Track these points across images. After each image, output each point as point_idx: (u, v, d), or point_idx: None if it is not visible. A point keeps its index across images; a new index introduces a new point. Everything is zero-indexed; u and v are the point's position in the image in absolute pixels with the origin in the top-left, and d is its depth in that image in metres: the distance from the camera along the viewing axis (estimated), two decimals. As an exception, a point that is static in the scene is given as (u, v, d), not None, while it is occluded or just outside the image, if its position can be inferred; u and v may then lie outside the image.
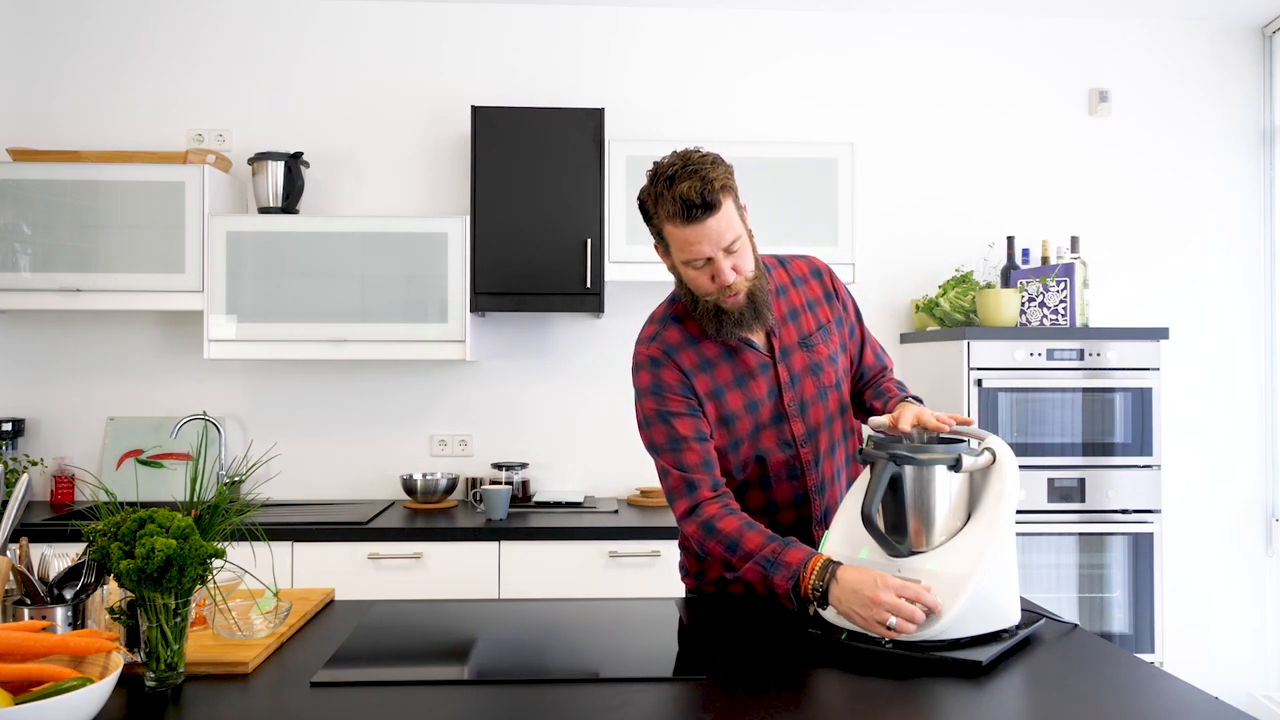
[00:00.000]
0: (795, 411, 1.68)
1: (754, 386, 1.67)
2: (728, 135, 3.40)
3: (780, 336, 1.70)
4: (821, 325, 1.74)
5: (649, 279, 3.07)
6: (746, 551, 1.54)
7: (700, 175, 1.51)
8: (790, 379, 1.68)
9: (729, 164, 1.58)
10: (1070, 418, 2.94)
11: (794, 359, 1.69)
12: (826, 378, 1.71)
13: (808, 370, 1.70)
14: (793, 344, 1.70)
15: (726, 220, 1.54)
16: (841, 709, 1.22)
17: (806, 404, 1.69)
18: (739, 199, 1.59)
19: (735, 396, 1.66)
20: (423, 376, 3.37)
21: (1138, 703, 1.21)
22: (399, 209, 3.37)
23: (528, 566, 2.76)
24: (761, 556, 1.52)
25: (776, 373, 1.68)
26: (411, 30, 3.39)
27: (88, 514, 2.82)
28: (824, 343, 1.72)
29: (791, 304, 1.73)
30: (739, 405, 1.66)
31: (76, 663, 1.17)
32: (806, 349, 1.70)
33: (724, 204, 1.52)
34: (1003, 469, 1.49)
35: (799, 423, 1.68)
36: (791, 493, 1.70)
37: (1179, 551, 3.43)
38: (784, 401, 1.67)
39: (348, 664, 1.38)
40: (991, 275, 3.41)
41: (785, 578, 1.49)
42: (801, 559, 1.49)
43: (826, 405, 1.71)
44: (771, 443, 1.67)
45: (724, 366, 1.67)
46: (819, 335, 1.72)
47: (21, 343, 3.30)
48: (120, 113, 3.33)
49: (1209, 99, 3.51)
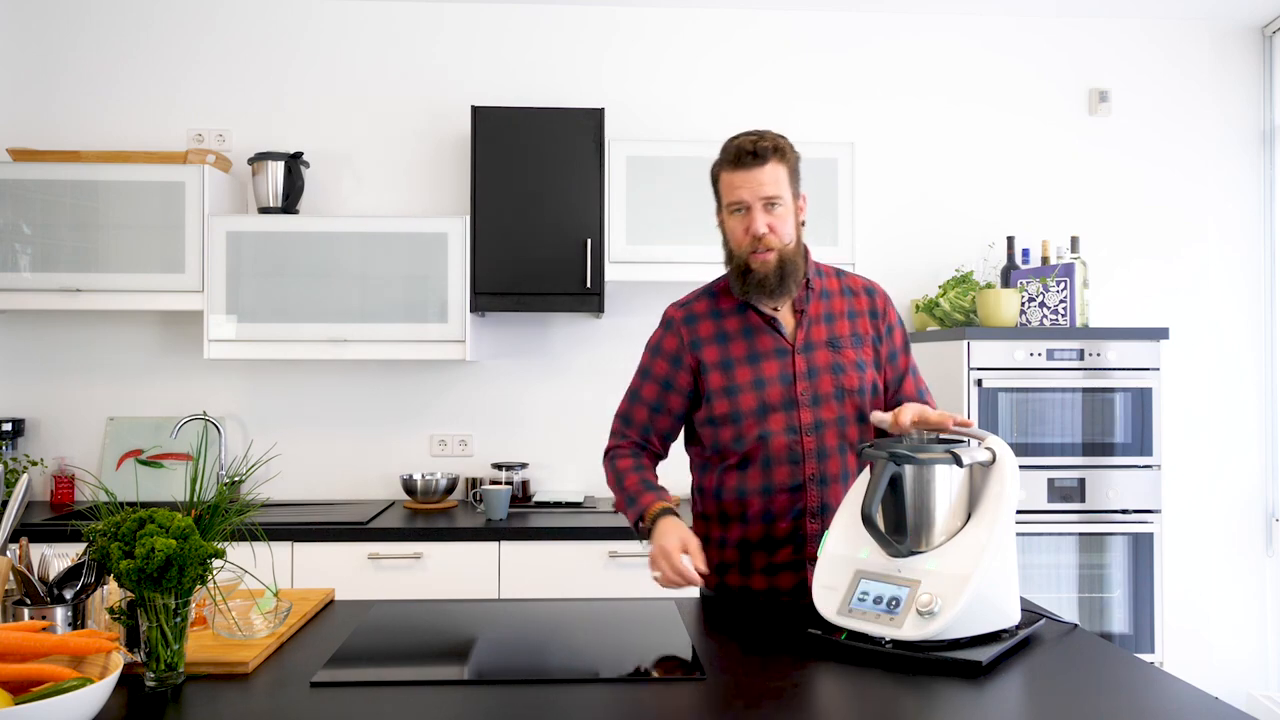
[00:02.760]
0: (806, 402, 1.74)
1: (765, 366, 1.75)
2: (727, 135, 3.36)
3: (809, 331, 1.77)
4: (856, 335, 1.79)
5: (649, 279, 3.08)
6: (623, 486, 1.78)
7: (759, 133, 1.72)
8: (808, 370, 1.75)
9: (798, 152, 1.76)
10: (1070, 418, 2.94)
11: (817, 354, 1.76)
12: (847, 380, 1.75)
13: (829, 368, 1.75)
14: (820, 341, 1.77)
15: (770, 177, 1.69)
16: (841, 709, 1.22)
17: (820, 398, 1.74)
18: (797, 181, 1.75)
19: (744, 371, 1.75)
20: (423, 376, 3.37)
21: (1138, 703, 1.21)
22: (399, 209, 3.37)
23: (528, 566, 2.76)
24: (628, 493, 1.76)
25: (794, 361, 1.75)
26: (411, 30, 3.39)
27: (88, 514, 2.83)
28: (853, 349, 1.78)
29: (832, 308, 1.81)
30: (746, 380, 1.75)
31: (76, 663, 1.17)
32: (833, 349, 1.77)
33: (771, 163, 1.69)
34: (1002, 469, 1.49)
35: (808, 412, 1.73)
36: (789, 478, 1.72)
37: (1179, 551, 3.43)
38: (796, 390, 1.74)
39: (347, 664, 1.38)
40: (991, 275, 3.41)
41: (634, 513, 1.73)
42: (649, 502, 1.71)
43: (841, 406, 1.74)
44: (778, 426, 1.72)
45: (740, 342, 1.77)
46: (849, 341, 1.78)
47: (21, 343, 3.30)
48: (120, 113, 3.33)
49: (1209, 99, 3.51)
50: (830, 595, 1.48)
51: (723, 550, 1.78)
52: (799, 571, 1.72)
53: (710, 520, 1.82)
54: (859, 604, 1.44)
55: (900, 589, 1.42)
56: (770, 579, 1.74)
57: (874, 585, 1.45)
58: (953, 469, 1.47)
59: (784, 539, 1.73)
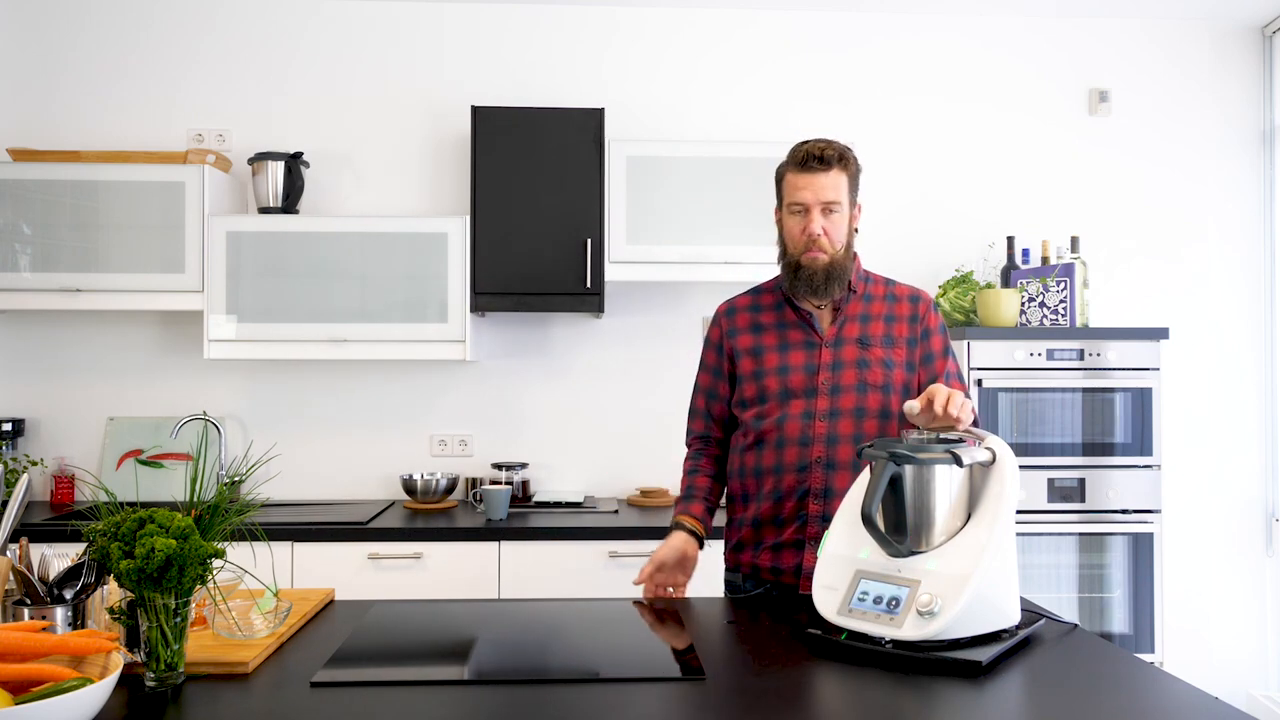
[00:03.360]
0: (825, 390, 1.83)
1: (793, 355, 1.87)
2: (727, 135, 3.40)
3: (841, 328, 1.87)
4: (890, 336, 1.87)
5: (649, 279, 3.08)
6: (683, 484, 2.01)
7: (828, 141, 1.83)
8: (833, 363, 1.85)
9: (860, 164, 1.87)
10: (1070, 418, 2.94)
11: (845, 350, 1.85)
12: (872, 376, 1.83)
13: (854, 363, 1.84)
14: (851, 338, 1.86)
15: (832, 184, 1.80)
16: (841, 709, 1.22)
17: (840, 389, 1.83)
18: (855, 190, 1.86)
19: (772, 356, 1.89)
20: (423, 376, 3.37)
21: (1138, 703, 1.21)
22: (399, 209, 3.37)
23: (528, 566, 2.76)
24: (681, 495, 2.00)
25: (821, 353, 1.86)
26: (411, 30, 3.39)
27: (88, 514, 2.83)
28: (882, 348, 1.86)
29: (870, 310, 1.90)
30: (773, 365, 1.88)
31: (76, 663, 1.17)
32: (862, 346, 1.86)
33: (835, 170, 1.80)
34: (1002, 469, 1.49)
35: (825, 400, 1.83)
36: (798, 458, 1.81)
37: (1179, 551, 3.43)
38: (818, 379, 1.84)
39: (347, 664, 1.38)
40: (991, 275, 3.41)
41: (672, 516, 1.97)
42: (675, 513, 1.96)
43: (863, 398, 1.83)
44: (796, 410, 1.83)
45: (772, 333, 1.91)
46: (880, 341, 1.86)
47: (21, 343, 3.30)
48: (120, 113, 3.33)
49: (1209, 99, 3.51)
50: (830, 595, 1.48)
51: (740, 530, 1.91)
52: (799, 551, 1.81)
53: (734, 500, 1.95)
54: (859, 604, 1.44)
55: (900, 589, 1.42)
56: (775, 557, 1.84)
57: (874, 585, 1.45)
58: (953, 469, 1.47)
59: (789, 518, 1.82)
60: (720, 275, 3.07)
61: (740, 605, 1.76)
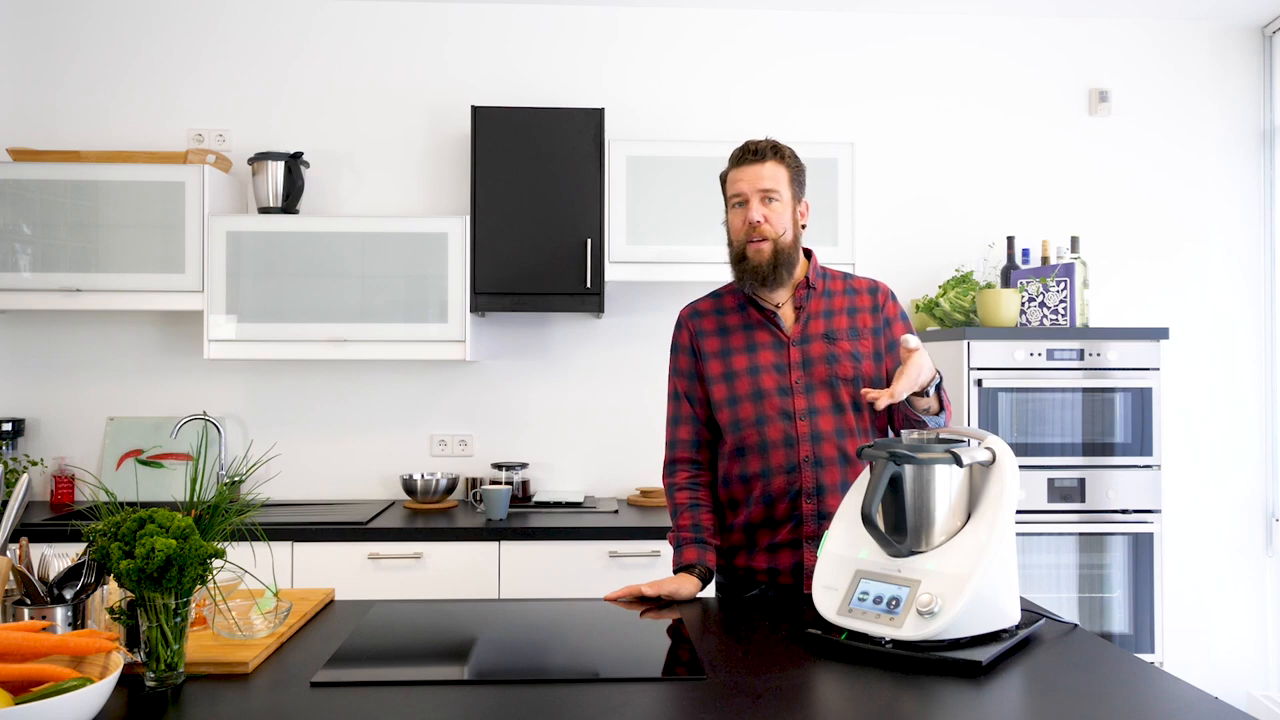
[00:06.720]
0: (800, 389, 1.85)
1: (761, 355, 1.88)
2: (728, 135, 3.39)
3: (806, 326, 1.88)
4: (855, 328, 1.89)
5: (649, 279, 3.08)
6: (676, 526, 1.92)
7: (766, 139, 1.88)
8: (803, 360, 1.86)
9: (803, 163, 1.92)
10: (1070, 418, 2.94)
11: (812, 346, 1.87)
12: (841, 369, 1.85)
13: (823, 359, 1.86)
14: (816, 334, 1.88)
15: (769, 174, 1.84)
16: (841, 709, 1.22)
17: (814, 386, 1.85)
18: (798, 187, 1.89)
19: (741, 358, 1.89)
20: (423, 376, 3.37)
21: (1138, 703, 1.21)
22: (399, 209, 3.37)
23: (528, 566, 2.76)
24: (677, 538, 1.90)
25: (789, 352, 1.86)
26: (412, 30, 3.39)
27: (88, 514, 2.83)
28: (849, 341, 1.87)
29: (832, 305, 1.91)
30: (743, 366, 1.88)
31: (76, 663, 1.17)
32: (829, 341, 1.87)
33: (771, 161, 1.84)
34: (1002, 469, 1.49)
35: (801, 399, 1.84)
36: (785, 460, 1.83)
37: (1179, 551, 3.43)
38: (791, 378, 1.85)
39: (348, 664, 1.38)
40: (991, 275, 3.41)
41: (675, 563, 1.89)
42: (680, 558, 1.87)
43: (835, 394, 1.84)
44: (774, 411, 1.84)
45: (739, 334, 1.91)
46: (846, 334, 1.88)
47: (21, 343, 3.30)
48: (120, 113, 3.33)
49: (1209, 99, 3.51)
50: (830, 595, 1.48)
51: (730, 535, 1.91)
52: (796, 550, 1.82)
53: (723, 507, 1.94)
54: (859, 604, 1.44)
55: (900, 589, 1.42)
56: (771, 558, 1.85)
57: (874, 585, 1.45)
58: (952, 469, 1.47)
59: (783, 519, 1.83)
60: (720, 275, 3.05)
61: (739, 605, 1.76)
